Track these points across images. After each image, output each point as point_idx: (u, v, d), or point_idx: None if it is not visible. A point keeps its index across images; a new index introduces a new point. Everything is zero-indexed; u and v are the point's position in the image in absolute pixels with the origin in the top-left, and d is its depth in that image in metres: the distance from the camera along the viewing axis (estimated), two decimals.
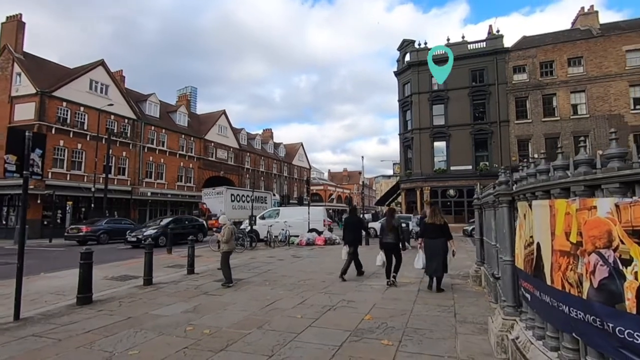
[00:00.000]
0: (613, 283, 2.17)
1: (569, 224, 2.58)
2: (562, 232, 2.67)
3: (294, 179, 56.63)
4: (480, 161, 27.32)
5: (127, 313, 5.58)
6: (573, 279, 2.52)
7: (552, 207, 2.80)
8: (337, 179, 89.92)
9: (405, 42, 30.99)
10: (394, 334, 4.41)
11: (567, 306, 2.58)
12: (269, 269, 9.76)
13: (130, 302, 6.32)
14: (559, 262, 2.69)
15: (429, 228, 7.18)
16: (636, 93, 24.37)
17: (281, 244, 16.54)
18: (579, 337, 2.49)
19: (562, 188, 2.67)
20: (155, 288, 7.48)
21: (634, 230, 2.04)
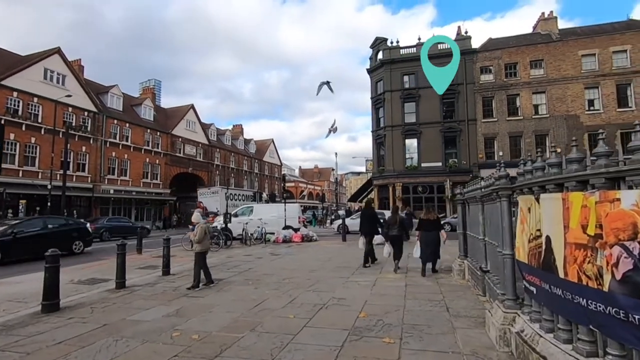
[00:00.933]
0: (637, 275, 2.18)
1: (586, 217, 2.58)
2: (577, 225, 2.66)
3: (265, 176, 55.84)
4: (449, 158, 28.18)
5: (102, 320, 5.12)
6: (592, 272, 2.52)
7: (565, 200, 2.80)
8: (308, 176, 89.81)
9: (378, 40, 31.28)
10: (393, 331, 4.34)
11: (585, 299, 2.58)
12: (249, 268, 9.45)
13: (104, 307, 5.83)
14: (574, 255, 2.69)
15: (425, 223, 8.33)
16: (590, 95, 26.09)
17: (257, 241, 16.16)
18: (598, 330, 2.49)
19: (578, 181, 2.66)
20: (129, 291, 6.98)
21: None
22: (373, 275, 7.99)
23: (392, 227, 8.87)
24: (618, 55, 25.65)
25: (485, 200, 5.56)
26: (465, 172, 27.48)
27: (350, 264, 9.74)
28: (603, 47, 25.87)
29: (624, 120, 25.21)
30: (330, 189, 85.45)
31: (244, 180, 49.05)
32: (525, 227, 3.56)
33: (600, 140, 2.53)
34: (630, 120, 25.09)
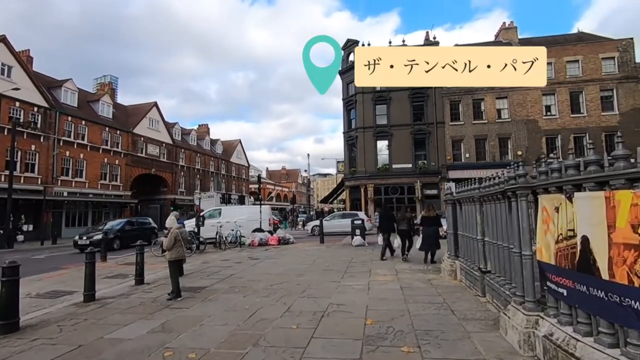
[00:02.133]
0: None
1: (637, 216, 2.48)
2: (626, 225, 2.56)
3: (232, 177, 54.34)
4: (419, 160, 28.83)
5: (75, 340, 4.47)
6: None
7: (609, 199, 2.70)
8: (276, 178, 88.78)
9: (349, 42, 31.43)
10: (407, 338, 4.11)
11: (638, 302, 2.48)
12: (230, 274, 8.90)
13: (74, 325, 5.13)
14: (622, 255, 2.59)
15: (426, 219, 9.91)
16: (547, 101, 27.78)
17: (232, 245, 15.48)
18: None
19: (627, 179, 2.56)
20: (100, 305, 6.26)
21: None
22: (364, 278, 7.78)
23: (402, 223, 10.89)
24: (571, 65, 27.52)
25: (486, 200, 5.51)
26: (434, 173, 28.27)
27: (337, 266, 9.48)
28: (558, 56, 27.66)
29: (577, 125, 27.10)
30: (298, 191, 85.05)
31: (210, 182, 47.40)
32: (550, 227, 3.46)
33: None
34: (582, 125, 27.06)
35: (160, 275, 9.00)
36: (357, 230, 14.95)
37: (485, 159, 27.96)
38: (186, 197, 41.30)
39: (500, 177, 4.91)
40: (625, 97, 26.66)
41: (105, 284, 8.04)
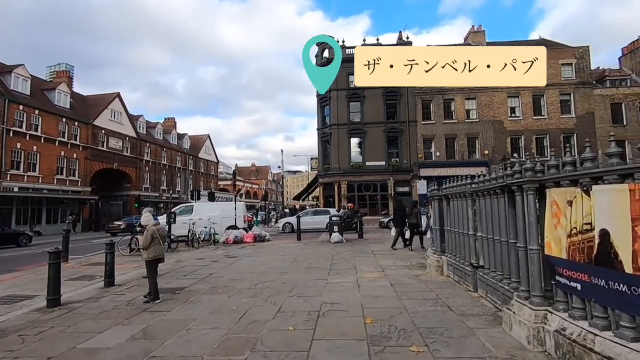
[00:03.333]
0: None
1: None
2: None
3: (200, 173, 52.61)
4: (392, 158, 29.23)
5: (43, 352, 3.95)
6: None
7: (634, 192, 2.67)
8: (245, 174, 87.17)
9: None
10: (413, 337, 3.97)
11: None
12: (210, 274, 8.43)
13: (39, 334, 4.56)
14: None
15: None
16: (512, 103, 29.08)
17: (205, 243, 14.82)
18: None
19: None
20: (67, 310, 5.65)
21: None
22: (352, 276, 7.62)
23: (411, 217, 12.39)
24: None
25: (480, 195, 5.50)
26: (407, 171, 28.79)
27: (320, 264, 9.27)
28: None
29: (539, 127, 28.60)
30: (269, 188, 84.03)
31: (178, 178, 45.61)
32: (562, 221, 3.42)
33: None
34: (543, 127, 28.59)
35: (132, 277, 8.37)
36: (336, 227, 14.81)
37: (455, 157, 28.84)
38: (152, 194, 39.47)
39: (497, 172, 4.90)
40: (582, 102, 28.46)
41: (70, 287, 7.32)
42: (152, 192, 39.65)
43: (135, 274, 8.68)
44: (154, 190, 40.41)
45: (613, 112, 28.34)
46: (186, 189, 46.17)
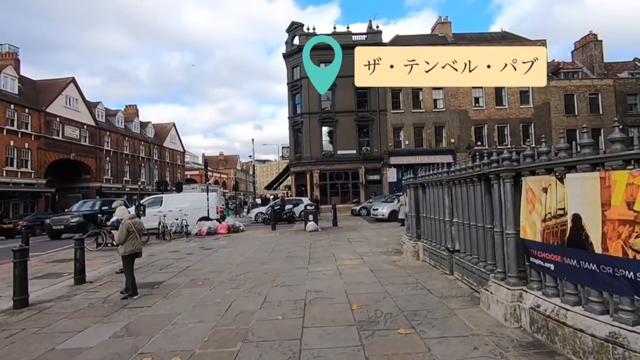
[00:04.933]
0: None
1: (633, 194, 2.70)
2: (622, 202, 2.78)
3: (166, 163, 50.66)
4: (362, 146, 29.62)
5: (18, 355, 3.75)
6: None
7: (605, 179, 2.91)
8: (213, 164, 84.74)
9: (294, 25, 30.69)
10: (399, 320, 4.15)
11: (632, 272, 2.72)
12: (186, 266, 8.26)
13: (10, 337, 4.30)
14: (617, 231, 2.82)
15: None
16: (476, 93, 30.24)
17: (177, 235, 14.43)
18: None
19: (624, 160, 2.77)
20: (37, 310, 5.36)
21: None
22: (331, 263, 7.76)
23: None
24: None
25: (457, 183, 5.75)
26: (377, 159, 29.33)
27: (299, 253, 9.34)
28: None
29: (500, 116, 30.02)
30: (238, 177, 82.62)
31: (142, 168, 43.68)
32: (537, 207, 3.68)
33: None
34: (504, 116, 30.03)
35: (103, 272, 8.04)
36: (310, 216, 14.91)
37: (423, 145, 29.71)
38: (113, 185, 37.62)
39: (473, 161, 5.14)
40: (539, 93, 30.11)
41: (36, 285, 6.91)
42: (114, 184, 37.77)
43: (107, 270, 8.34)
44: (116, 182, 38.53)
45: (566, 102, 30.28)
46: (151, 180, 44.39)
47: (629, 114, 29.72)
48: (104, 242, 11.89)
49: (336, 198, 28.61)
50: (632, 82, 30.97)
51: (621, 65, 34.28)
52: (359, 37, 30.28)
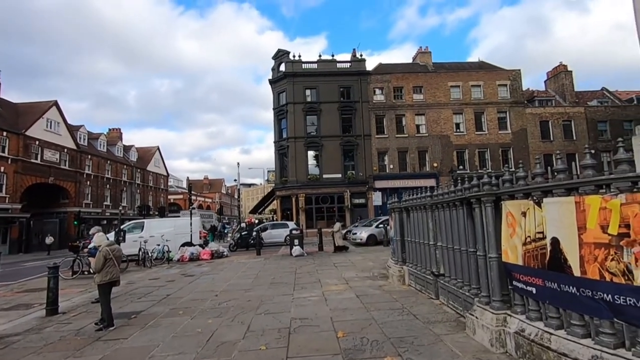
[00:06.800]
0: None
1: (606, 218, 2.80)
2: (596, 226, 2.88)
3: (149, 187, 49.70)
4: (348, 170, 29.89)
5: None
6: (617, 269, 2.72)
7: (579, 203, 3.02)
8: (197, 188, 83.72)
9: (280, 52, 31.47)
10: (386, 347, 4.07)
11: (609, 294, 2.77)
12: (167, 294, 7.96)
13: None
14: (593, 254, 2.90)
15: None
16: (457, 119, 31.26)
17: (158, 261, 13.98)
18: (626, 322, 2.69)
19: (595, 185, 2.90)
20: (3, 345, 5.05)
21: None
22: (317, 289, 7.62)
23: None
24: (475, 89, 31.51)
25: (440, 207, 5.83)
26: (362, 183, 29.58)
27: (284, 279, 9.16)
28: (465, 81, 31.46)
29: (480, 141, 30.97)
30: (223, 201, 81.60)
31: (123, 193, 42.69)
32: (517, 231, 3.76)
33: (620, 147, 2.79)
34: (484, 142, 30.99)
35: (77, 302, 7.66)
36: (296, 240, 14.74)
37: (407, 169, 30.19)
38: (93, 210, 36.53)
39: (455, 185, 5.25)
40: (516, 119, 31.37)
41: (4, 318, 6.53)
42: (93, 208, 36.68)
43: (81, 299, 7.96)
44: (96, 206, 37.44)
45: (542, 128, 31.58)
46: (133, 204, 43.40)
47: (600, 140, 31.15)
48: (80, 269, 11.40)
49: (322, 222, 28.45)
50: (601, 110, 32.68)
51: (590, 94, 36.27)
52: (343, 64, 31.25)
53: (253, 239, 18.55)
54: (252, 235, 19.51)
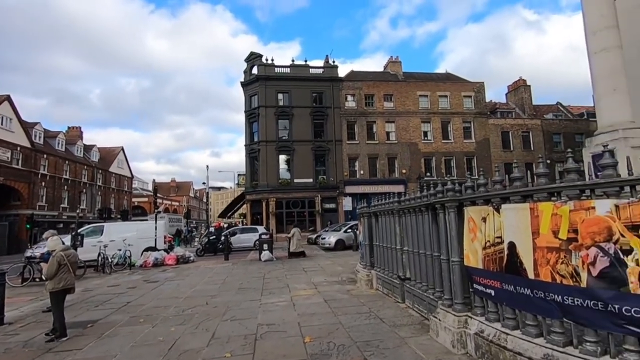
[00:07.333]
0: (615, 270, 2.60)
1: (557, 223, 2.99)
2: (548, 231, 3.06)
3: (111, 189, 47.40)
4: (319, 175, 29.98)
5: None
6: (566, 271, 2.91)
7: (533, 209, 3.20)
8: (164, 191, 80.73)
9: (253, 55, 31.20)
10: (352, 351, 4.10)
11: (560, 296, 2.95)
12: (127, 302, 7.60)
13: None
14: (546, 257, 3.07)
15: None
16: (425, 128, 32.28)
17: (119, 267, 13.31)
18: (574, 322, 2.87)
19: (548, 192, 3.08)
20: None
21: (633, 225, 2.52)
22: (285, 294, 7.56)
23: None
24: (442, 99, 32.72)
25: (407, 212, 5.98)
26: (333, 188, 29.77)
27: (252, 284, 9.00)
28: (432, 91, 32.61)
29: (446, 149, 32.13)
30: (191, 205, 79.30)
31: (83, 195, 40.46)
32: (477, 235, 3.92)
33: (570, 157, 3.00)
34: (450, 150, 32.17)
35: (26, 311, 7.15)
36: (265, 245, 14.57)
37: (377, 175, 30.74)
38: (48, 212, 34.31)
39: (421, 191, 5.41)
40: (479, 129, 32.85)
41: None
42: (48, 211, 34.46)
43: (31, 308, 7.43)
44: (52, 209, 35.20)
45: (503, 138, 33.27)
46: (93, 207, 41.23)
47: (554, 151, 33.23)
48: (31, 276, 10.65)
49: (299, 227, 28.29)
50: (556, 123, 34.95)
51: (547, 108, 38.73)
52: (316, 70, 31.46)
53: (221, 244, 18.11)
54: (220, 239, 19.06)
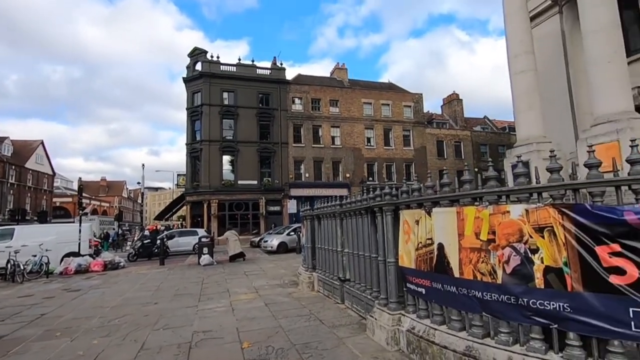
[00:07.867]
0: (525, 268, 2.93)
1: (479, 226, 3.29)
2: (472, 233, 3.35)
3: (27, 188, 42.15)
4: (264, 177, 29.61)
5: None
6: (485, 269, 3.20)
7: (460, 213, 3.48)
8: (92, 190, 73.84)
9: (197, 50, 29.92)
10: (290, 355, 4.09)
11: (480, 292, 3.24)
12: (41, 314, 6.78)
13: None
14: (469, 257, 3.35)
15: None
16: (368, 134, 33.52)
17: (33, 275, 11.84)
18: (491, 315, 3.16)
19: (472, 197, 3.37)
20: None
21: (539, 227, 2.86)
22: (225, 299, 7.31)
23: None
24: (384, 107, 34.28)
25: (347, 215, 6.14)
26: (278, 190, 29.59)
27: (189, 289, 8.58)
28: (376, 99, 34.03)
29: (388, 155, 33.68)
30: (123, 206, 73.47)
31: None
32: (411, 237, 4.16)
33: (490, 167, 3.31)
34: (391, 156, 33.76)
35: None
36: (205, 249, 13.99)
37: (321, 179, 31.19)
38: None
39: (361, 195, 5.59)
40: (418, 137, 34.97)
41: None
42: None
43: None
44: None
45: (438, 147, 35.79)
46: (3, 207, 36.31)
47: (482, 160, 36.49)
48: None
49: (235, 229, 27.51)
50: (483, 135, 38.48)
51: (476, 121, 42.47)
52: (263, 71, 31.12)
53: (157, 248, 16.98)
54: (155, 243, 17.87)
